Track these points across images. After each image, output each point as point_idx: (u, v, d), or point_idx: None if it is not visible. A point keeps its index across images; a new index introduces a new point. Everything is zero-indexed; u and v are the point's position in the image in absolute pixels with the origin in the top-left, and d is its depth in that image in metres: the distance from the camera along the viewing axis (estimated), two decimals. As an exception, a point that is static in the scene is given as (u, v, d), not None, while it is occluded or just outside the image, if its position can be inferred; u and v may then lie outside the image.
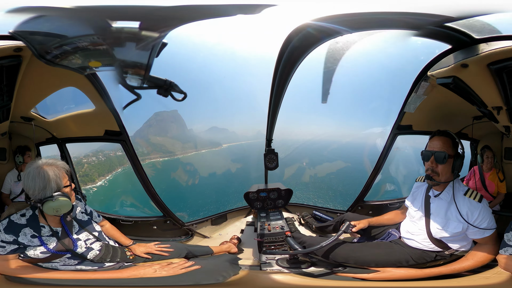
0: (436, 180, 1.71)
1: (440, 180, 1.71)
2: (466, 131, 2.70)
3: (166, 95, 1.72)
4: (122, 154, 2.53)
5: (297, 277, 1.74)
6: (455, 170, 1.68)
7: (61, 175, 1.56)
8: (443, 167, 1.68)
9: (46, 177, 1.50)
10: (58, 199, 1.50)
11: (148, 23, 1.46)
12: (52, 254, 1.57)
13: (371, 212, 3.18)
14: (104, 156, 8.67)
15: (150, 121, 15.48)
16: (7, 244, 1.50)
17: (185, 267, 1.66)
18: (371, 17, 1.50)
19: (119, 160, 7.97)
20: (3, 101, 2.07)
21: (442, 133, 1.73)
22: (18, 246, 1.52)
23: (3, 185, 2.77)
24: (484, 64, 1.59)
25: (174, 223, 2.88)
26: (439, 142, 1.70)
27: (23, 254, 1.55)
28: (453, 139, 1.70)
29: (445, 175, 1.70)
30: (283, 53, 1.70)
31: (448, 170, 1.69)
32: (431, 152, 1.70)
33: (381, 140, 3.15)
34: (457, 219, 1.65)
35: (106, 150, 7.71)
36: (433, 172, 1.71)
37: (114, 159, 7.98)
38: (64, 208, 1.53)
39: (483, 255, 1.65)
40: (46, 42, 1.44)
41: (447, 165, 1.68)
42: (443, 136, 1.71)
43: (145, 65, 1.59)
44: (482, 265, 1.65)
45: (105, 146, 3.52)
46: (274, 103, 2.32)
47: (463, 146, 1.70)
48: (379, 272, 1.74)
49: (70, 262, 1.63)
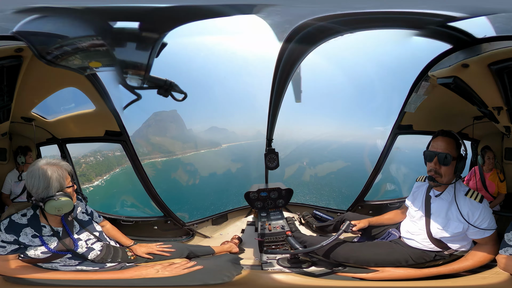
0: (438, 182, 1.69)
1: (442, 182, 1.69)
2: (467, 131, 2.70)
3: (166, 95, 1.72)
4: (121, 154, 2.52)
5: (299, 276, 1.73)
6: (457, 172, 1.66)
7: (64, 176, 1.57)
8: (446, 168, 1.65)
9: (49, 177, 1.51)
10: (60, 199, 1.51)
11: (147, 23, 1.46)
12: (53, 254, 1.57)
13: (371, 212, 3.17)
14: (103, 156, 8.63)
15: (149, 121, 15.43)
16: (8, 244, 1.50)
17: (187, 267, 1.64)
18: (372, 17, 1.49)
19: (118, 160, 7.93)
20: (4, 102, 2.07)
21: (446, 133, 1.69)
22: (18, 246, 1.52)
23: (3, 186, 2.78)
24: (485, 64, 1.58)
25: (175, 223, 2.87)
26: (443, 143, 1.66)
27: (23, 254, 1.54)
28: (457, 140, 1.67)
29: (448, 177, 1.68)
30: (283, 53, 1.69)
31: (451, 171, 1.67)
32: (435, 153, 1.66)
33: (381, 140, 3.15)
34: (458, 219, 1.65)
35: (105, 150, 7.68)
36: (436, 173, 1.67)
37: (113, 159, 7.95)
38: (65, 207, 1.54)
39: (483, 255, 1.64)
40: (47, 43, 1.44)
41: (450, 167, 1.65)
42: (447, 137, 1.67)
43: (145, 65, 1.59)
44: (481, 265, 1.64)
45: (103, 146, 3.50)
46: (274, 102, 2.32)
47: (466, 148, 1.68)
48: (378, 271, 1.73)
49: (71, 262, 1.62)
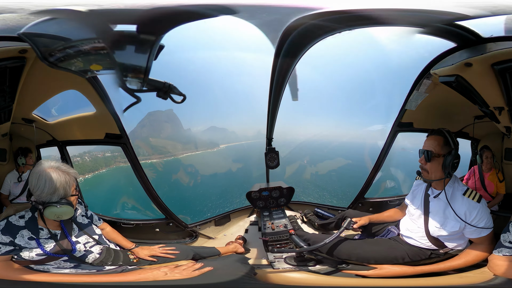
0: (426, 177, 1.80)
1: (431, 178, 1.78)
2: (467, 130, 2.70)
3: (165, 98, 1.72)
4: (111, 156, 2.46)
5: (310, 274, 1.75)
6: (445, 168, 1.71)
7: (71, 184, 1.55)
8: (430, 165, 1.74)
9: (56, 182, 1.49)
10: (62, 207, 1.49)
11: (146, 24, 1.45)
12: (48, 257, 1.54)
13: (372, 209, 3.18)
14: (91, 157, 8.44)
15: (143, 121, 14.99)
16: (3, 245, 1.48)
17: (196, 268, 1.58)
18: (375, 14, 1.48)
19: (106, 161, 7.77)
20: (5, 102, 2.06)
21: (435, 132, 1.77)
22: (13, 248, 1.50)
23: (2, 186, 2.76)
24: (489, 64, 1.58)
25: (177, 225, 2.84)
26: (429, 141, 1.76)
27: (17, 255, 1.52)
28: (445, 138, 1.73)
29: (435, 173, 1.75)
30: (281, 50, 1.68)
31: (437, 168, 1.73)
32: (422, 151, 1.78)
33: (381, 138, 3.15)
34: (455, 218, 1.68)
35: (95, 151, 7.49)
36: (423, 169, 1.79)
37: (101, 160, 7.78)
38: (65, 215, 1.53)
39: (476, 255, 1.68)
40: (50, 45, 1.44)
41: (435, 164, 1.73)
42: (436, 134, 1.76)
43: (144, 68, 1.58)
44: (472, 264, 1.67)
45: (95, 148, 3.42)
46: (273, 101, 2.31)
47: (456, 144, 1.73)
48: (376, 269, 1.78)
49: (66, 265, 1.60)
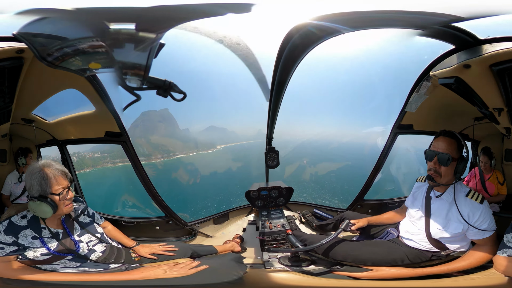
0: (437, 182, 1.70)
1: (441, 182, 1.70)
2: (467, 131, 2.69)
3: (165, 96, 1.73)
4: (100, 156, 2.47)
5: (300, 275, 1.74)
6: (457, 173, 1.66)
7: (51, 182, 1.51)
8: (446, 169, 1.66)
9: (33, 178, 1.51)
10: (39, 203, 1.49)
11: (145, 24, 1.46)
12: (53, 256, 1.56)
13: (371, 211, 3.18)
14: (79, 157, 8.36)
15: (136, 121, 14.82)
16: (6, 245, 1.50)
17: (193, 267, 1.63)
18: (375, 15, 1.48)
19: (94, 161, 7.76)
20: (4, 103, 2.07)
21: (448, 134, 1.68)
22: (17, 248, 1.51)
23: (3, 187, 2.76)
24: (487, 65, 1.58)
25: (177, 223, 2.87)
26: (444, 143, 1.66)
27: (22, 255, 1.53)
28: (459, 141, 1.67)
29: (447, 177, 1.69)
30: (283, 51, 1.68)
31: (451, 172, 1.67)
32: (435, 153, 1.66)
33: (381, 139, 3.14)
34: (458, 220, 1.65)
35: (83, 152, 7.43)
36: (436, 173, 1.68)
37: (88, 160, 7.76)
38: (40, 213, 1.51)
39: (480, 256, 1.65)
40: (48, 44, 1.44)
41: (450, 168, 1.66)
42: (449, 137, 1.67)
43: (144, 66, 1.59)
44: (477, 266, 1.64)
45: (84, 148, 3.42)
46: (274, 101, 2.31)
47: (468, 150, 1.67)
48: (372, 270, 1.74)
49: (72, 264, 1.61)
